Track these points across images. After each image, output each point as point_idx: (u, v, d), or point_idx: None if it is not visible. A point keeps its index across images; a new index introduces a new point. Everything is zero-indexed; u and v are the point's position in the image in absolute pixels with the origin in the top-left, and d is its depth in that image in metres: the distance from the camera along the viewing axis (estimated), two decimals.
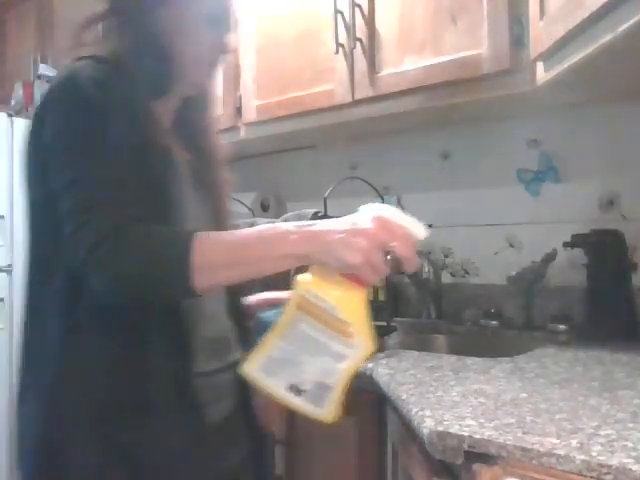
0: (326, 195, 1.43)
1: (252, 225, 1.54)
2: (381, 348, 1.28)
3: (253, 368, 0.74)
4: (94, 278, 0.73)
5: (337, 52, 1.60)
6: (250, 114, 1.85)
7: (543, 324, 1.47)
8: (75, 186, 0.75)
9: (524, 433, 0.76)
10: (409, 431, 0.88)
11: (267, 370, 0.74)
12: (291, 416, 1.22)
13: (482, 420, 0.80)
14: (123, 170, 0.76)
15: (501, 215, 1.67)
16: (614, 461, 0.66)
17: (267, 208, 2.18)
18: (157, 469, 0.76)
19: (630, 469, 0.64)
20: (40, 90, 2.51)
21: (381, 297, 1.60)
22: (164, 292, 0.75)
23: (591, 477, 0.67)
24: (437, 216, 1.71)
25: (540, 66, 1.23)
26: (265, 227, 0.75)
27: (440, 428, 0.76)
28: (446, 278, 1.74)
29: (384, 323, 1.49)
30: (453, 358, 1.18)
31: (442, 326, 1.63)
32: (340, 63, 1.61)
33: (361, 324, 0.73)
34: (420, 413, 0.81)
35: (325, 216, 1.43)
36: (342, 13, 1.59)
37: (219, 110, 1.95)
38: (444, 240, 1.75)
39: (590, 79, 1.24)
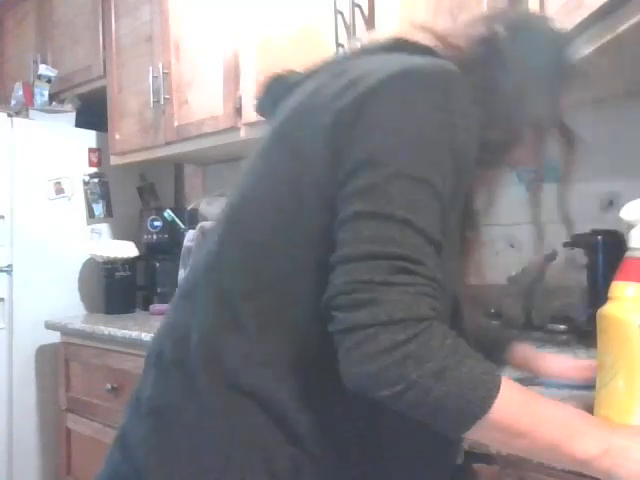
0: None
1: None
2: None
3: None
4: (357, 373, 0.57)
5: (337, 52, 1.60)
6: (250, 114, 1.85)
7: (543, 324, 1.47)
8: (376, 225, 0.58)
9: None
10: None
11: None
12: None
13: None
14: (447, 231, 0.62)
15: (501, 215, 1.67)
16: None
17: None
18: None
19: None
20: (40, 90, 2.51)
21: None
22: (435, 425, 0.60)
23: (591, 477, 0.67)
24: None
25: None
26: (576, 415, 0.62)
27: None
28: None
29: None
30: None
31: None
32: None
33: None
34: None
35: None
36: (342, 13, 1.59)
37: (219, 110, 1.95)
38: None
39: (590, 79, 1.24)
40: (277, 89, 0.84)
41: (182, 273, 1.95)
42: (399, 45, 0.74)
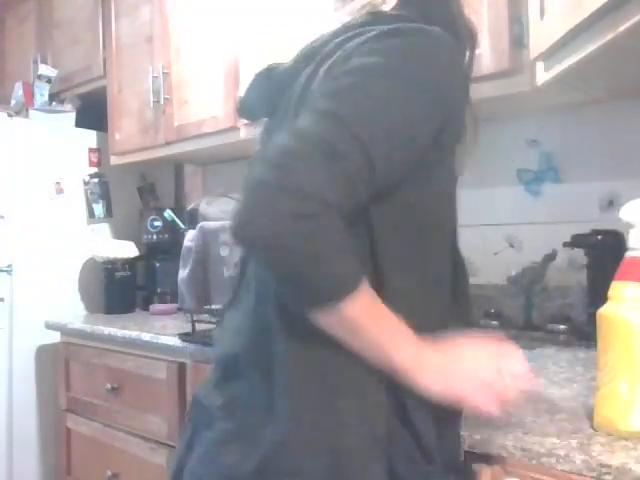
0: None
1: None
2: None
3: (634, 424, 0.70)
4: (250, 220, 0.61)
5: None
6: None
7: (543, 324, 1.47)
8: (334, 122, 0.63)
9: (524, 433, 0.76)
10: None
11: None
12: None
13: (482, 420, 0.80)
14: (404, 150, 0.68)
15: (501, 215, 1.67)
16: (614, 461, 0.66)
17: None
18: None
19: (630, 469, 0.64)
20: (40, 90, 2.51)
21: None
22: (287, 290, 0.65)
23: (591, 477, 0.68)
24: None
25: (540, 66, 1.23)
26: (405, 328, 0.67)
27: None
28: None
29: None
30: None
31: None
32: None
33: None
34: None
35: None
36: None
37: (219, 110, 1.95)
38: None
39: (590, 79, 1.24)
40: (262, 84, 0.90)
41: (182, 273, 1.95)
42: (376, 18, 0.78)
